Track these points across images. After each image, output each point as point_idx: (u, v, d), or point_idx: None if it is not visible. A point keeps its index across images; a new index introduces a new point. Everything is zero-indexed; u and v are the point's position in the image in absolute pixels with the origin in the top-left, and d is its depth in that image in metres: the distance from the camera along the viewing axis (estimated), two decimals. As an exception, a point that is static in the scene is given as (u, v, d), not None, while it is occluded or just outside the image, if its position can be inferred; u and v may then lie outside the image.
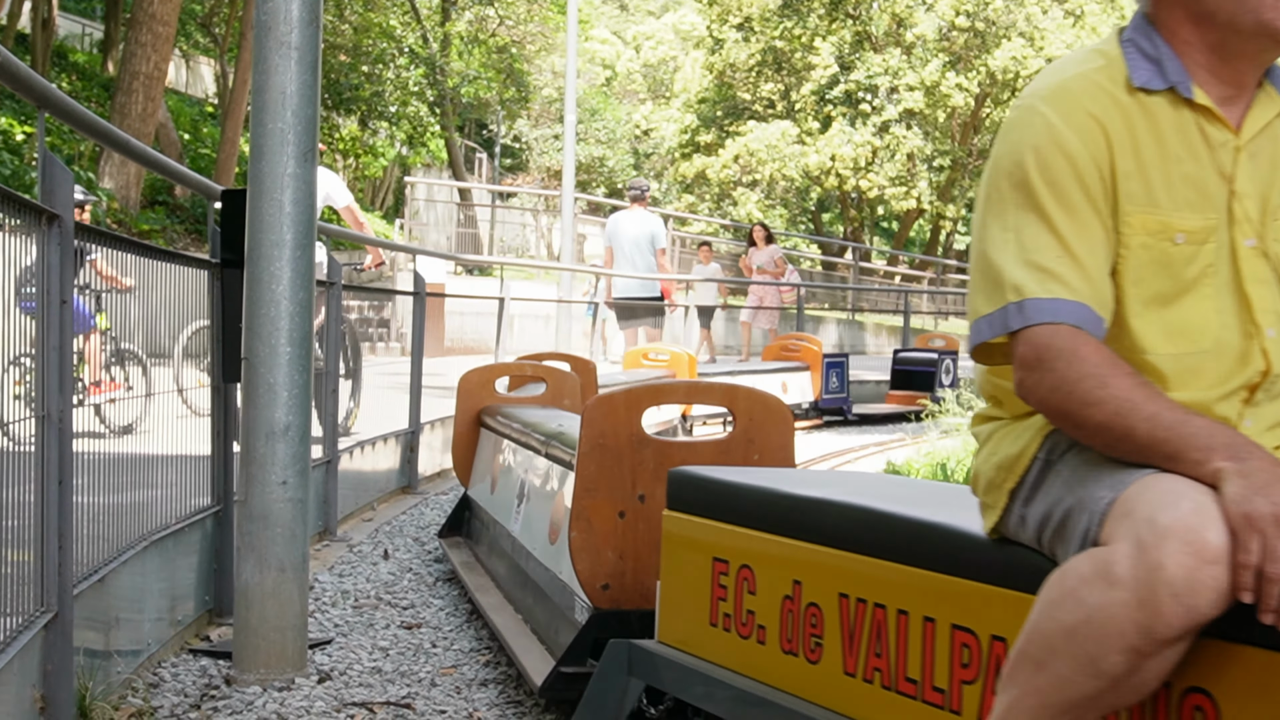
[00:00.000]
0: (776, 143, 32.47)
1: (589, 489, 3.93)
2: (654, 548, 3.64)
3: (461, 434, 6.76)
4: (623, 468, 3.95)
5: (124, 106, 16.67)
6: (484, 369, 6.93)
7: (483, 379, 6.82)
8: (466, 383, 6.78)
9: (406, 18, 27.16)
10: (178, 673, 4.34)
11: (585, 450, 3.93)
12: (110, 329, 6.17)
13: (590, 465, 3.93)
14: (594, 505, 3.92)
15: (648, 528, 3.92)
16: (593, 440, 3.94)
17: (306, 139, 4.40)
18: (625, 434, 3.95)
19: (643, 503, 3.95)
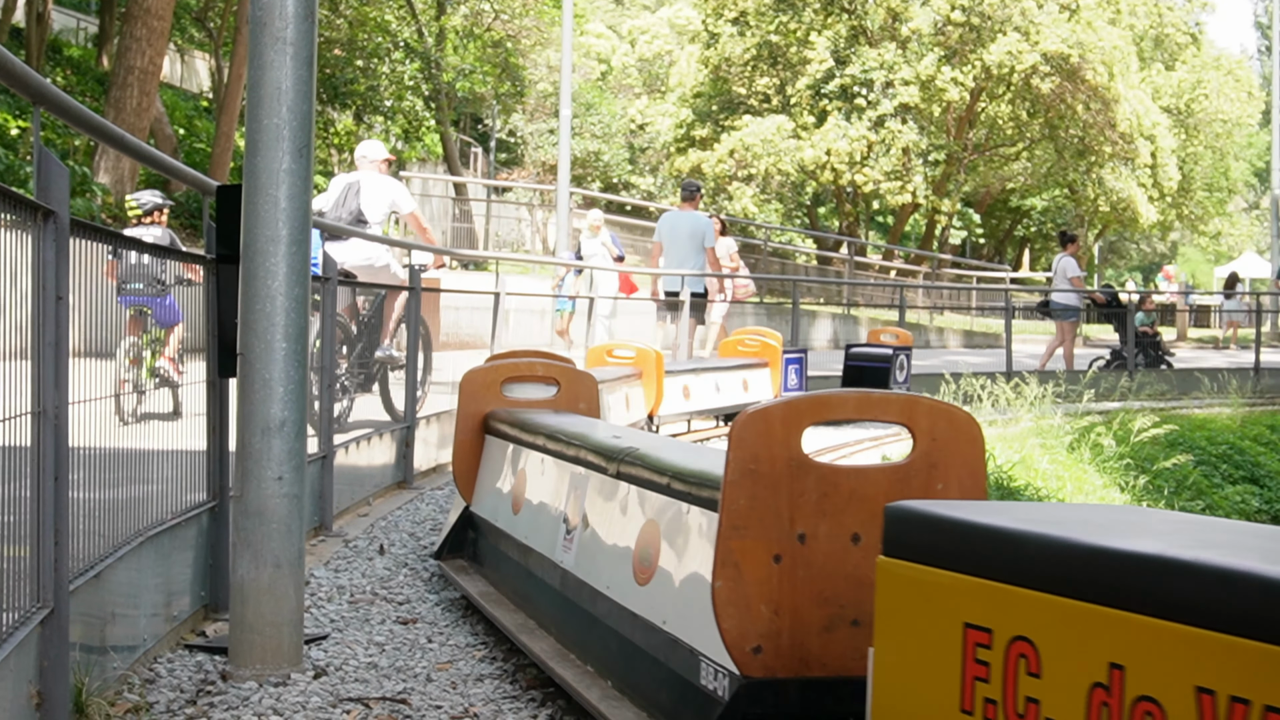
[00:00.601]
0: (772, 137, 32.48)
1: (738, 527, 3.19)
2: (817, 600, 3.18)
3: (464, 442, 6.03)
4: (779, 500, 3.23)
5: (119, 101, 16.65)
6: (488, 369, 6.20)
7: (487, 380, 6.09)
8: (470, 384, 6.07)
9: (402, 12, 27.13)
10: (173, 668, 4.34)
11: (734, 478, 3.19)
12: None
13: (740, 497, 3.19)
14: (744, 547, 3.19)
15: (809, 575, 3.24)
16: (743, 466, 3.20)
17: (302, 134, 4.40)
18: (782, 458, 3.21)
19: (803, 544, 3.23)
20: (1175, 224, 43.69)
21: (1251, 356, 20.48)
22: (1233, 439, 14.45)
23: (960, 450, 3.33)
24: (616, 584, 3.98)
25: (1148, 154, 35.16)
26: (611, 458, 4.28)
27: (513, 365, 6.25)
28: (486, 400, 6.03)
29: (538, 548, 4.85)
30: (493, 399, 6.04)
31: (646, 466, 3.95)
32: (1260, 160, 57.05)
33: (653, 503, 3.85)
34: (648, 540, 3.82)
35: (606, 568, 4.11)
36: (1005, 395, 13.54)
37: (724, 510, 3.19)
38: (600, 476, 4.37)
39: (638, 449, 4.14)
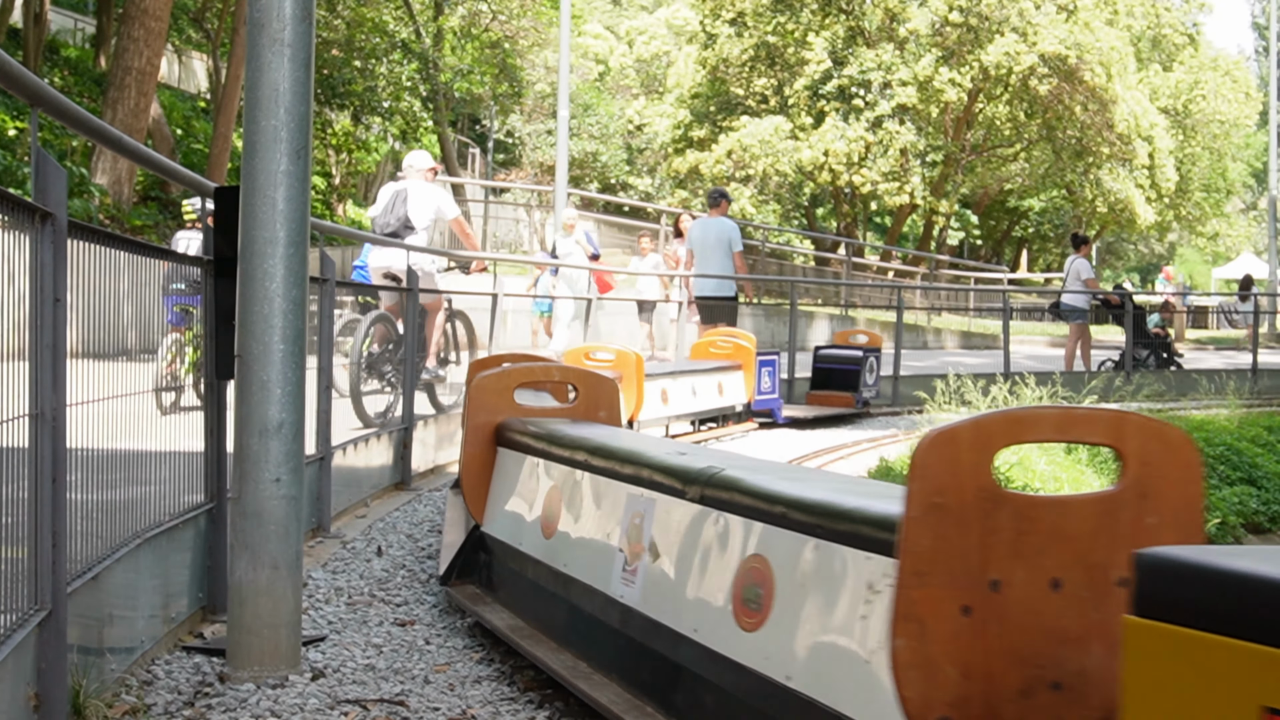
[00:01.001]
0: (769, 138, 32.49)
1: (921, 573, 2.67)
2: (1013, 660, 2.72)
3: (475, 455, 5.51)
4: (968, 539, 2.71)
5: (116, 102, 16.65)
6: (500, 375, 5.62)
7: (499, 387, 5.55)
8: (480, 392, 5.51)
9: (399, 13, 27.13)
10: (171, 670, 4.34)
11: (917, 514, 2.67)
12: None
13: (924, 537, 2.68)
14: (928, 598, 2.68)
15: (1003, 630, 2.73)
16: (927, 499, 2.68)
17: (299, 136, 4.40)
18: (971, 488, 2.71)
19: (996, 592, 2.73)
20: (1173, 225, 43.73)
21: (1248, 357, 20.48)
22: (1230, 440, 14.44)
23: (1175, 477, 2.85)
24: (708, 627, 3.47)
25: (1145, 155, 35.19)
26: (691, 480, 3.73)
27: (526, 370, 5.74)
28: (498, 409, 5.50)
29: (583, 578, 4.33)
30: (505, 407, 5.50)
31: (747, 493, 3.43)
32: (1258, 161, 57.10)
33: (761, 535, 3.33)
34: (754, 579, 3.31)
35: (691, 607, 3.60)
36: (1003, 396, 13.54)
37: (905, 553, 2.67)
38: (674, 500, 3.83)
39: (724, 470, 3.63)
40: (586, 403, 5.54)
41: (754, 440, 12.23)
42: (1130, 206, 35.62)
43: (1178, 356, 20.27)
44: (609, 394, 5.59)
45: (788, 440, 12.42)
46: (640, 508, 4.06)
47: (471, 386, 5.62)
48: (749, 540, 3.39)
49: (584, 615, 4.32)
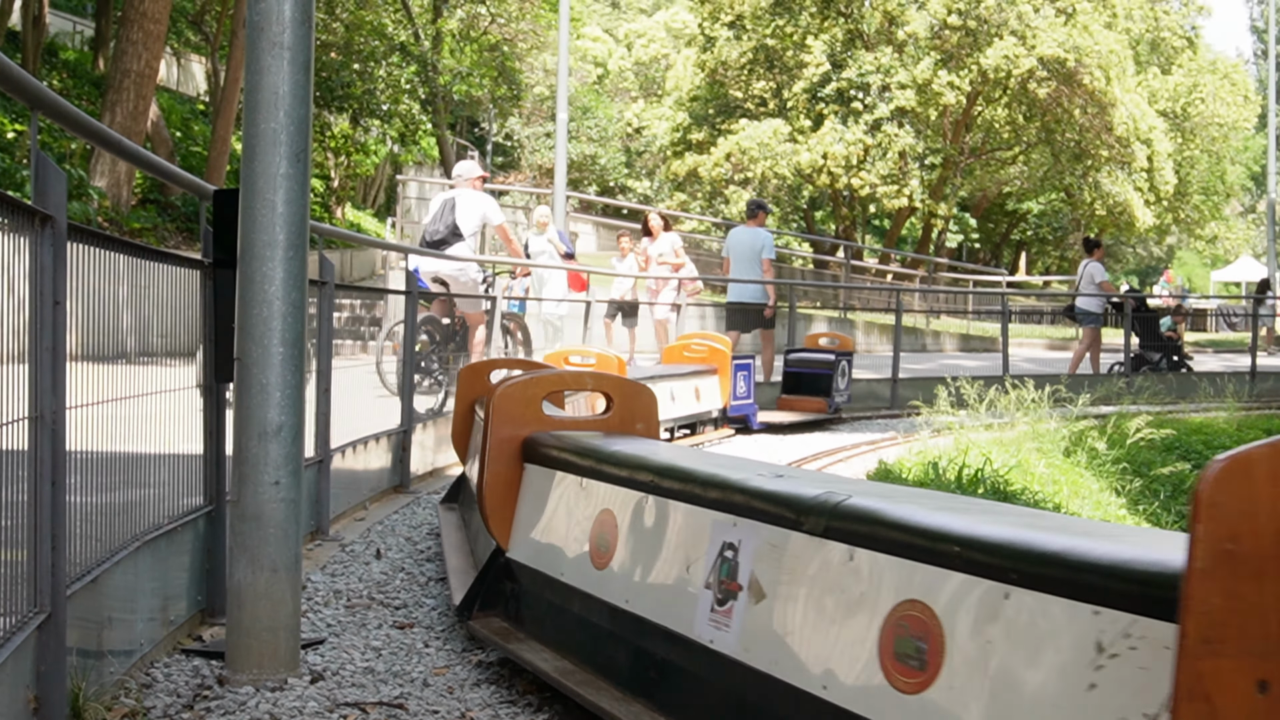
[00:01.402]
0: (768, 141, 32.51)
1: (1210, 640, 2.12)
2: None
3: (499, 473, 4.91)
4: (1266, 597, 2.15)
5: (115, 104, 16.65)
6: (526, 382, 5.03)
7: (526, 396, 4.98)
8: (505, 401, 4.93)
9: (398, 15, 27.14)
10: (170, 673, 4.34)
11: (1205, 564, 2.11)
12: None
13: (1213, 594, 2.12)
14: (1218, 671, 2.13)
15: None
16: (1218, 545, 2.13)
17: (299, 139, 4.40)
18: (1270, 532, 2.17)
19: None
20: (1171, 228, 43.74)
21: (1247, 360, 20.49)
22: (1229, 443, 14.45)
23: None
24: (844, 686, 2.91)
25: (1144, 158, 35.21)
26: (810, 509, 3.17)
27: (556, 378, 5.21)
28: (524, 421, 4.93)
29: (655, 618, 3.73)
30: (532, 419, 4.92)
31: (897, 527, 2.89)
32: (1256, 164, 57.15)
33: (922, 578, 2.78)
34: (912, 630, 2.76)
35: (816, 659, 3.02)
36: (1002, 399, 13.55)
37: (1191, 614, 2.10)
38: (784, 532, 3.25)
39: (853, 499, 3.10)
40: (622, 414, 5.05)
41: (740, 446, 12.23)
42: (1129, 209, 35.64)
43: (1188, 359, 20.30)
44: (647, 404, 5.12)
45: (776, 445, 12.42)
46: (734, 539, 3.45)
47: (497, 397, 4.94)
48: (903, 583, 2.82)
49: (654, 660, 3.74)
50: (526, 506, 4.83)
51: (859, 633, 2.89)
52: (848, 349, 14.67)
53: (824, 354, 14.46)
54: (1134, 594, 2.28)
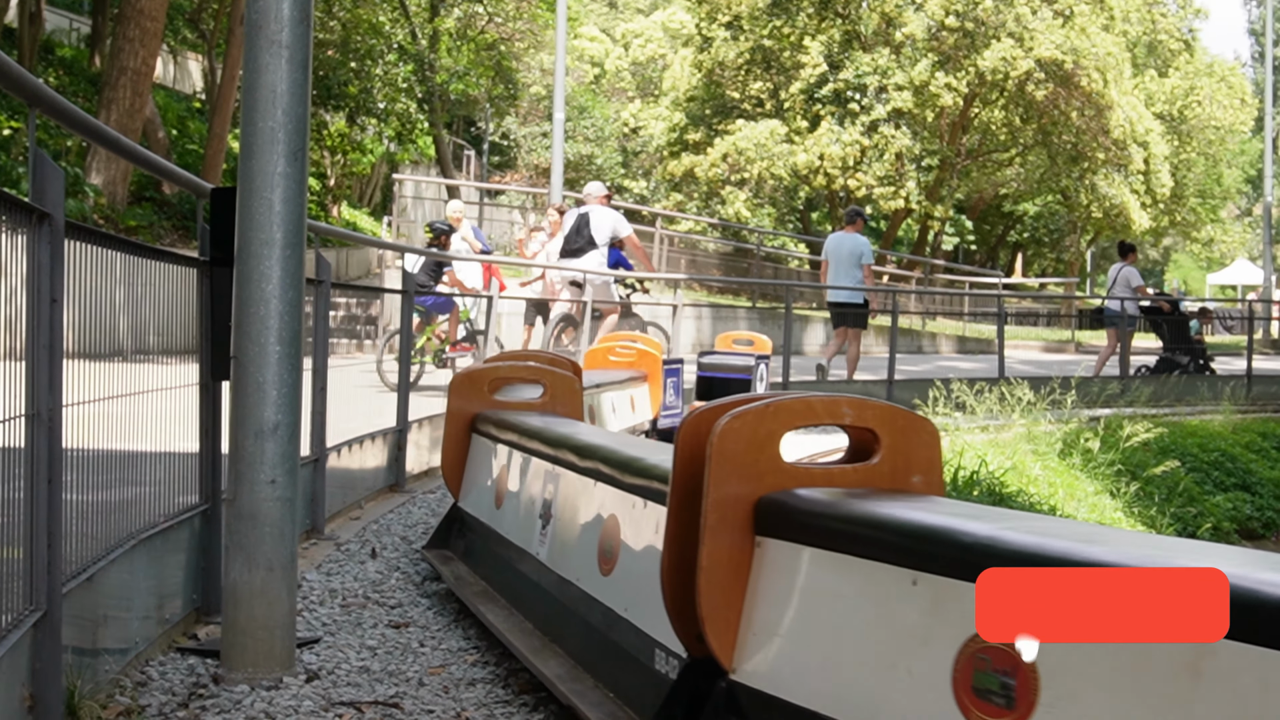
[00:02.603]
0: (765, 141, 32.50)
1: None
2: None
3: (724, 556, 3.15)
4: None
5: (111, 102, 16.64)
6: (761, 413, 3.75)
7: (759, 434, 3.39)
8: (734, 443, 3.19)
9: (395, 14, 27.13)
10: (165, 671, 4.34)
11: None
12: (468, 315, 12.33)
13: None
14: None
15: None
16: None
17: (297, 138, 4.40)
18: None
19: None
20: (1168, 230, 43.79)
21: (1242, 364, 20.51)
22: (1224, 446, 14.48)
23: None
24: None
25: (1141, 160, 35.23)
26: None
27: (803, 408, 3.35)
28: (757, 471, 3.26)
29: None
30: (768, 469, 3.26)
31: None
32: (1253, 167, 57.18)
33: None
34: None
35: None
36: (997, 400, 13.56)
37: None
38: None
39: None
40: (894, 461, 3.46)
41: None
42: (1125, 212, 35.65)
43: (1211, 363, 20.37)
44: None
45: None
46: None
47: (718, 436, 3.21)
48: None
49: None
50: (776, 608, 3.16)
51: None
52: (764, 351, 13.48)
53: (740, 357, 12.97)
54: None
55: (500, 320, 13.81)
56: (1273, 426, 16.20)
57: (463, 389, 6.38)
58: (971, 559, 2.44)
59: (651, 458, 3.99)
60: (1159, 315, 20.04)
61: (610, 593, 4.06)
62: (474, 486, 6.24)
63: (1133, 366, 19.42)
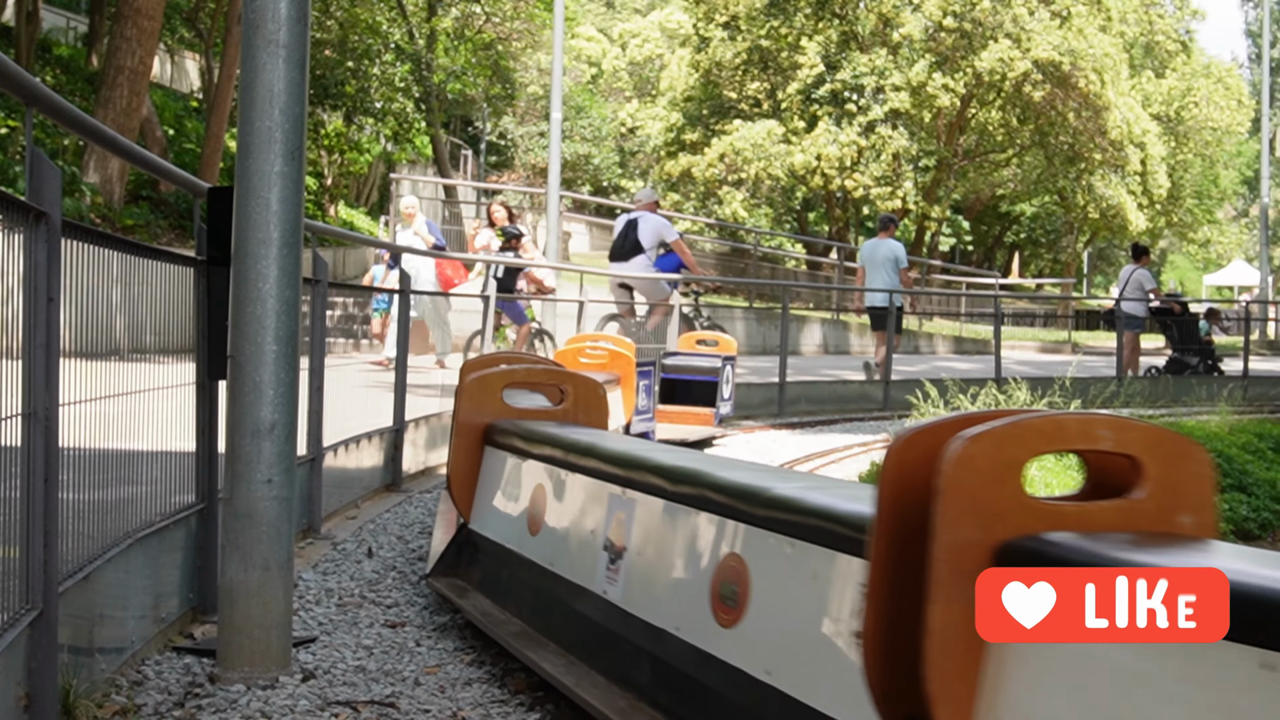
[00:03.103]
0: (762, 141, 32.50)
1: None
2: None
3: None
4: None
5: (108, 101, 16.62)
6: (1001, 438, 3.82)
7: (999, 464, 3.67)
8: (969, 472, 2.64)
9: (392, 14, 27.12)
10: (161, 671, 4.34)
11: None
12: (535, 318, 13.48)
13: None
14: None
15: None
16: None
17: (294, 137, 4.41)
18: None
19: None
20: (1164, 231, 43.83)
21: (1239, 364, 20.52)
22: (1220, 446, 14.48)
23: None
24: None
25: (1138, 161, 35.25)
26: None
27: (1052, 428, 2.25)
28: (998, 511, 2.38)
29: None
30: (1011, 506, 2.59)
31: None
32: (1249, 169, 57.23)
33: None
34: None
35: None
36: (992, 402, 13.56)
37: None
38: None
39: None
40: (1160, 498, 3.08)
41: (728, 448, 12.23)
42: (1122, 213, 35.67)
43: (1220, 364, 20.42)
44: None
45: (768, 445, 12.43)
46: None
47: (950, 465, 2.65)
48: None
49: None
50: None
51: None
52: (730, 352, 13.19)
53: (706, 358, 12.70)
54: None
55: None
56: (1269, 427, 16.21)
57: (474, 394, 5.61)
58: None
59: (779, 487, 3.39)
60: (1169, 316, 20.08)
61: (737, 650, 3.37)
62: (492, 506, 5.48)
63: (1142, 368, 19.48)
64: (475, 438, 5.56)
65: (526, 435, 5.27)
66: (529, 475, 5.11)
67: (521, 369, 5.94)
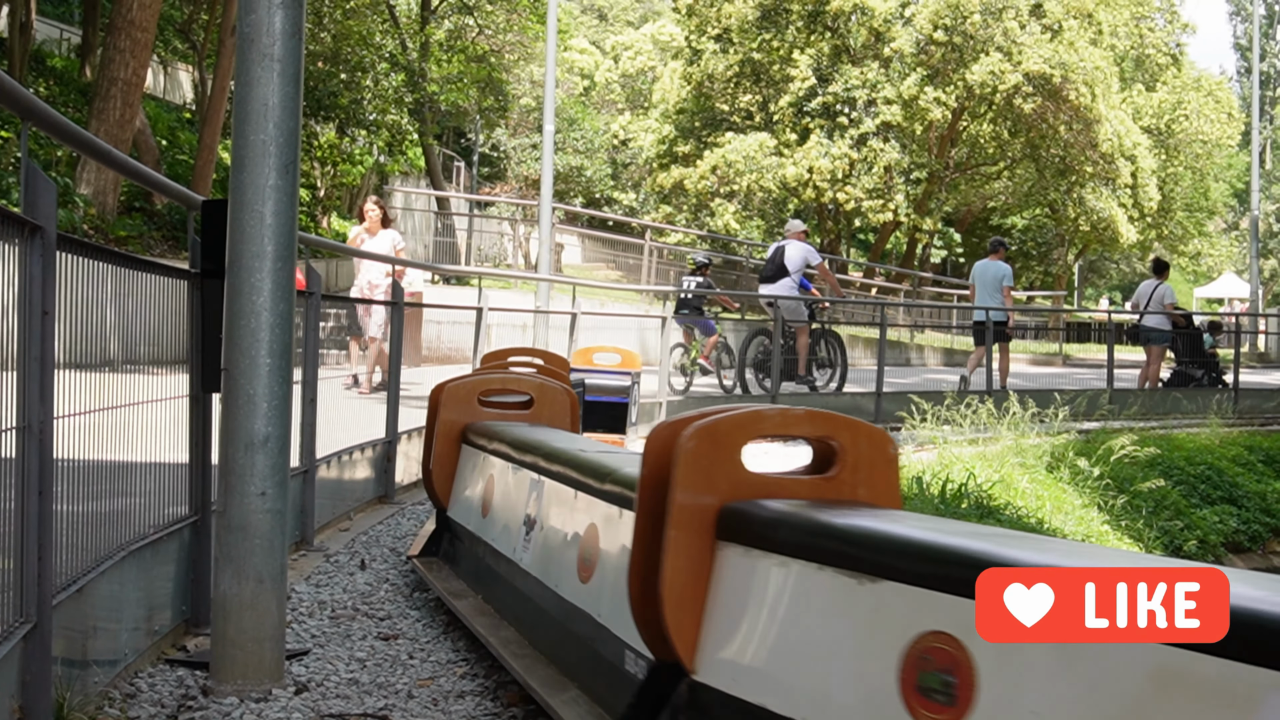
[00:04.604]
0: (754, 154, 32.55)
1: None
2: None
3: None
4: None
5: (102, 112, 16.63)
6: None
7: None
8: None
9: (385, 25, 27.14)
10: (154, 683, 4.34)
11: None
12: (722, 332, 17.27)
13: None
14: None
15: None
16: None
17: (288, 151, 4.42)
18: None
19: None
20: (1155, 244, 43.92)
21: (1230, 377, 20.55)
22: (1211, 459, 14.51)
23: None
24: None
25: (1128, 174, 35.33)
26: None
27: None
28: None
29: None
30: None
31: None
32: (1240, 181, 57.40)
33: None
34: None
35: None
36: (984, 414, 13.58)
37: None
38: None
39: None
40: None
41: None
42: (1113, 225, 35.76)
43: (1225, 376, 20.47)
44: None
45: (758, 455, 12.42)
46: None
47: None
48: None
49: None
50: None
51: None
52: (634, 367, 11.69)
53: (614, 375, 11.18)
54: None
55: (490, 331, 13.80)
56: (1259, 440, 16.25)
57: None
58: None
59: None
60: (1174, 329, 20.17)
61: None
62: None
63: None
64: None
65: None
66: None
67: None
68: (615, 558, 3.96)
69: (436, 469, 6.35)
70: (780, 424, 3.55)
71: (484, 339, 12.28)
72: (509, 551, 5.11)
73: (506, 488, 5.47)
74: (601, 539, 4.14)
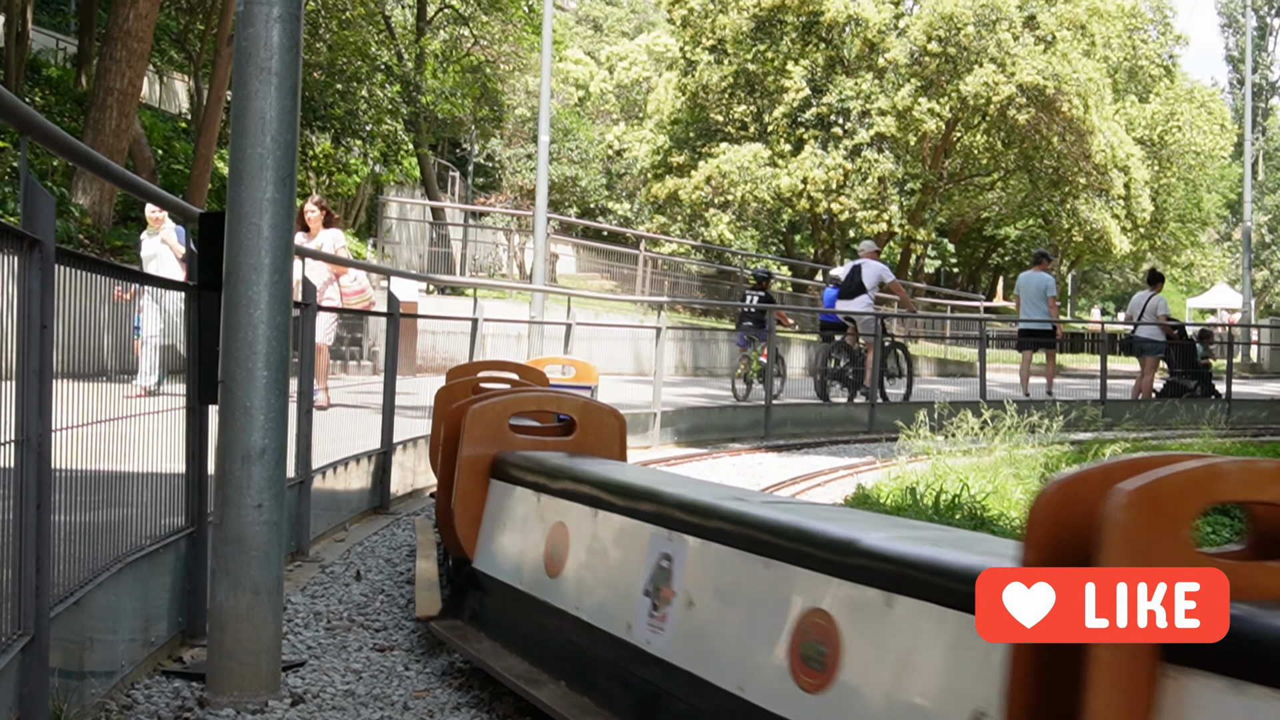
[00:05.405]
0: (748, 164, 32.58)
1: None
2: None
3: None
4: None
5: (98, 122, 16.64)
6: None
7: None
8: None
9: (381, 36, 27.17)
10: (151, 694, 4.35)
11: None
12: None
13: None
14: None
15: None
16: None
17: (286, 164, 4.44)
18: None
19: None
20: (1148, 255, 44.00)
21: (1221, 388, 20.60)
22: (1204, 470, 14.50)
23: None
24: None
25: (1121, 185, 35.40)
26: None
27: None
28: None
29: None
30: None
31: None
32: (1232, 192, 57.48)
33: None
34: None
35: None
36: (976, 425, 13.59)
37: None
38: None
39: None
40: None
41: (715, 470, 12.24)
42: (1106, 236, 35.82)
43: (1218, 386, 20.54)
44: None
45: (753, 469, 12.44)
46: None
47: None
48: None
49: None
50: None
51: None
52: (589, 381, 11.29)
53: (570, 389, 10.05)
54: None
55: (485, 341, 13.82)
56: (1252, 451, 16.27)
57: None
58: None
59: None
60: (1167, 340, 20.23)
61: None
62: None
63: None
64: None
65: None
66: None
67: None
68: (872, 667, 2.87)
69: (460, 509, 5.22)
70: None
71: (479, 349, 12.30)
72: (618, 630, 3.94)
73: (598, 543, 4.31)
74: (845, 640, 2.94)
